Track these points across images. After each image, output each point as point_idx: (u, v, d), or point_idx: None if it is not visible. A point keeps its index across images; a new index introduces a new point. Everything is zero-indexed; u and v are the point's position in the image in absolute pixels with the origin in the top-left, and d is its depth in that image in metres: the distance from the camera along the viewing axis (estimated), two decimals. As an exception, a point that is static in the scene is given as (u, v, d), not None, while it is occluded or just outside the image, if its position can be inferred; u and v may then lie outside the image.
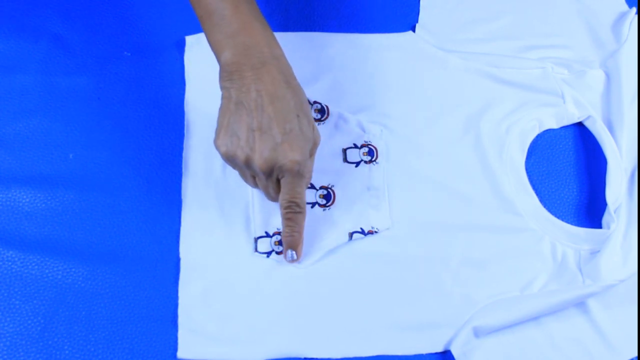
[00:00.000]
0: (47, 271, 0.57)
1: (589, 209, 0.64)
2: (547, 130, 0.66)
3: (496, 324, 0.56)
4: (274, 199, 0.55)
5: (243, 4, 0.51)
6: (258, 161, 0.49)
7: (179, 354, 0.55)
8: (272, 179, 0.52)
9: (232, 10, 0.50)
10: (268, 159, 0.49)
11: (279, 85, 0.50)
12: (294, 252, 0.56)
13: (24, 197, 0.59)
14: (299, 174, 0.51)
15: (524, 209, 0.61)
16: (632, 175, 0.63)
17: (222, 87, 0.51)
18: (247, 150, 0.49)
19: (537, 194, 0.62)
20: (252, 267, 0.58)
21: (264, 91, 0.49)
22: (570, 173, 0.65)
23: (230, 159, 0.51)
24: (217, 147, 0.51)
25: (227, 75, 0.50)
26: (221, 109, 0.51)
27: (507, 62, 0.67)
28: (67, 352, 0.54)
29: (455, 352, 0.55)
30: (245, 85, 0.49)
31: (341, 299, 0.58)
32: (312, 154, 0.53)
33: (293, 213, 0.54)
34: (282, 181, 0.52)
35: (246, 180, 0.55)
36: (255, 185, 0.55)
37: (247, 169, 0.51)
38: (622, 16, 0.71)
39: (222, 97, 0.51)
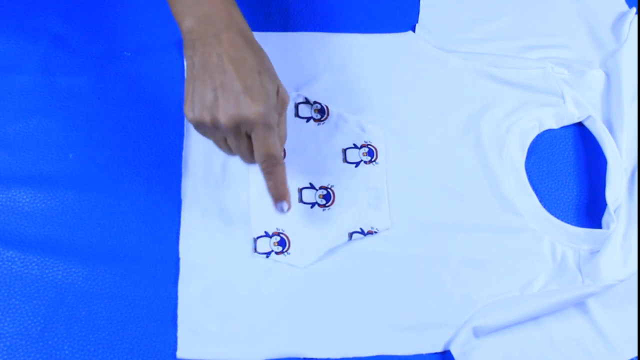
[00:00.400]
0: (47, 271, 0.57)
1: (589, 209, 0.64)
2: (547, 130, 0.66)
3: (496, 324, 0.56)
4: (250, 160, 0.54)
5: None
6: (223, 119, 0.49)
7: (179, 354, 0.55)
8: (241, 136, 0.51)
9: None
10: (232, 115, 0.49)
11: (239, 48, 0.50)
12: (283, 203, 0.55)
13: (24, 197, 0.59)
14: (267, 125, 0.50)
15: (524, 209, 0.61)
16: (632, 175, 0.63)
17: (185, 57, 0.52)
18: (212, 111, 0.50)
19: (537, 194, 0.62)
20: (251, 267, 0.58)
21: (224, 54, 0.50)
22: (570, 173, 0.65)
23: (199, 125, 0.51)
24: (185, 115, 0.51)
25: (190, 44, 0.51)
26: (186, 78, 0.51)
27: (507, 62, 0.67)
28: (67, 352, 0.54)
29: (454, 352, 0.55)
30: (207, 51, 0.50)
31: (341, 299, 0.58)
32: (278, 110, 0.53)
33: (272, 166, 0.53)
34: (252, 137, 0.51)
35: (221, 147, 0.54)
36: (230, 151, 0.54)
37: (216, 132, 0.52)
38: (622, 16, 0.71)
39: (186, 67, 0.51)
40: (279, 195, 0.55)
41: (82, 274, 0.57)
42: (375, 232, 0.59)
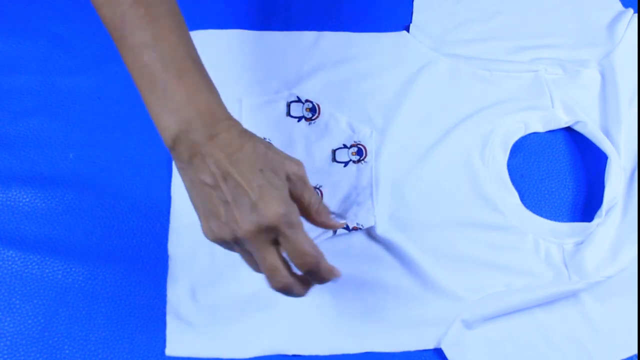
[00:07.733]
0: (47, 271, 0.57)
1: (586, 209, 0.64)
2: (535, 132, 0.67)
3: (487, 315, 0.57)
4: (287, 277, 0.46)
5: (187, 74, 0.46)
6: (244, 232, 0.43)
7: (168, 352, 0.55)
8: (267, 245, 0.44)
9: (176, 82, 0.46)
10: (252, 223, 0.43)
11: (233, 144, 0.44)
12: (337, 278, 0.47)
13: (24, 197, 0.59)
14: (291, 224, 0.44)
15: (505, 207, 0.62)
16: (632, 175, 0.64)
17: (179, 170, 0.46)
18: (231, 226, 0.43)
19: (525, 193, 0.63)
20: (241, 263, 0.58)
21: (220, 159, 0.44)
22: (565, 172, 0.65)
23: (222, 243, 0.45)
24: (206, 237, 0.45)
25: (178, 156, 0.46)
26: (190, 196, 0.46)
27: (499, 65, 0.67)
28: (67, 352, 0.55)
29: (445, 349, 0.56)
30: (200, 162, 0.44)
31: (329, 296, 0.58)
32: (298, 191, 0.47)
33: (315, 265, 0.45)
34: (281, 242, 0.45)
35: (251, 265, 0.48)
36: (257, 267, 0.47)
37: (239, 246, 0.46)
38: (616, 16, 0.71)
39: (184, 182, 0.46)
40: (331, 278, 0.47)
41: (82, 274, 0.57)
42: (360, 228, 0.60)
